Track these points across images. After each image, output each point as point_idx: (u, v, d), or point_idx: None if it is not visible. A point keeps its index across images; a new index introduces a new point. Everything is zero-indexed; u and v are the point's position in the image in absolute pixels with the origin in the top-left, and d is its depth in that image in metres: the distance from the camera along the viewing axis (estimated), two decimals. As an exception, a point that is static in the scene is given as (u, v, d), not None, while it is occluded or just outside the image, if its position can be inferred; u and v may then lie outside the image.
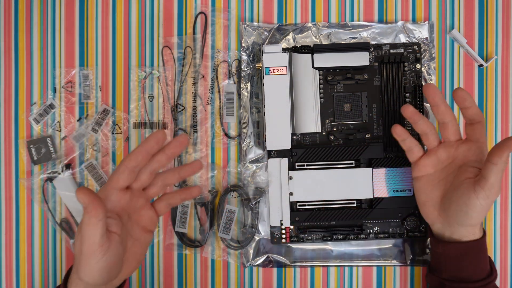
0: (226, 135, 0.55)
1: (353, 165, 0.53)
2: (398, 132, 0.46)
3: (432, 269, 0.49)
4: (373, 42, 0.54)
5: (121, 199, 0.40)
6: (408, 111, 0.45)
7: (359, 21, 0.55)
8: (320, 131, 0.53)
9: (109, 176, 0.41)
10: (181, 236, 0.54)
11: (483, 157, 0.44)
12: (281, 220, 0.53)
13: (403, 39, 0.54)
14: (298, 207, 0.53)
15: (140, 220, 0.42)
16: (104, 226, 0.36)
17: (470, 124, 0.44)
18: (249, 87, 0.54)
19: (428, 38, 0.54)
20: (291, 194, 0.52)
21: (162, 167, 0.42)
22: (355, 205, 0.53)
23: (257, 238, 0.54)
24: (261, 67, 0.53)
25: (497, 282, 0.55)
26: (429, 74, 0.54)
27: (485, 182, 0.41)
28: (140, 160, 0.40)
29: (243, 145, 0.54)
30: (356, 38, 0.54)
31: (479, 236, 0.45)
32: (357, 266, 0.55)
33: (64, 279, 0.42)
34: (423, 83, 0.54)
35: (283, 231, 0.53)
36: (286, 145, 0.51)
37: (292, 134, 0.53)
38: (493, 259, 0.55)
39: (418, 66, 0.53)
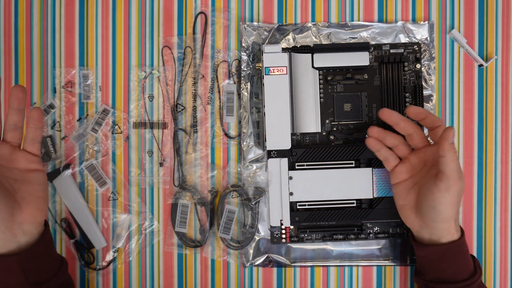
0: (226, 135, 0.55)
1: (353, 165, 0.53)
2: (371, 144, 0.49)
3: (417, 272, 0.50)
4: (373, 42, 0.54)
5: None
6: (374, 131, 0.48)
7: (359, 21, 0.55)
8: (320, 131, 0.53)
9: None
10: (181, 236, 0.54)
11: None
12: (281, 220, 0.53)
13: (403, 39, 0.54)
14: (298, 207, 0.53)
15: (15, 163, 0.43)
16: None
17: (432, 129, 0.47)
18: (249, 87, 0.54)
19: (428, 38, 0.54)
20: (291, 194, 0.52)
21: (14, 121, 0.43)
22: (355, 205, 0.53)
23: (257, 238, 0.54)
24: (261, 67, 0.53)
25: (497, 282, 0.55)
26: (429, 74, 0.54)
27: (442, 175, 0.43)
28: None
29: (243, 145, 0.54)
30: (356, 38, 0.54)
31: (457, 237, 0.47)
32: (357, 266, 0.55)
33: None
34: (423, 83, 0.54)
35: (283, 231, 0.53)
36: (286, 145, 0.51)
37: (292, 134, 0.53)
38: (493, 259, 0.55)
39: (418, 66, 0.53)
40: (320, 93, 0.53)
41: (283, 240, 0.53)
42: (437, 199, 0.44)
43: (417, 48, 0.53)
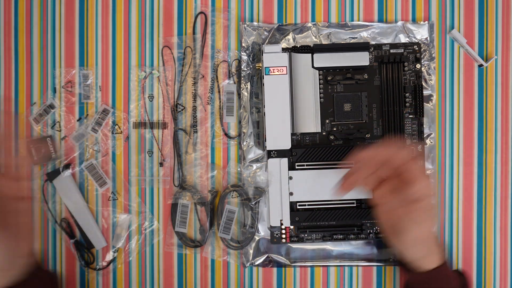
0: (226, 135, 0.55)
1: (353, 165, 0.53)
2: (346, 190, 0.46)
3: None
4: (373, 42, 0.54)
5: None
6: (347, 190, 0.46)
7: (359, 21, 0.55)
8: (320, 131, 0.53)
9: None
10: (181, 236, 0.54)
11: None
12: (281, 220, 0.53)
13: (403, 39, 0.54)
14: (298, 207, 0.53)
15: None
16: None
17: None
18: (249, 87, 0.54)
19: (428, 38, 0.54)
20: (291, 194, 0.52)
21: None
22: (355, 205, 0.53)
23: (257, 238, 0.54)
24: (261, 67, 0.53)
25: (497, 282, 0.55)
26: (429, 74, 0.54)
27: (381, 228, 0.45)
28: None
29: (243, 145, 0.54)
30: (356, 38, 0.54)
31: (439, 264, 0.46)
32: (357, 266, 0.55)
33: None
34: (423, 83, 0.54)
35: (283, 231, 0.53)
36: (286, 145, 0.51)
37: (292, 134, 0.53)
38: (493, 259, 0.55)
39: (418, 66, 0.53)
40: (320, 93, 0.53)
41: (283, 240, 0.53)
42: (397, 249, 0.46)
43: (417, 48, 0.53)
